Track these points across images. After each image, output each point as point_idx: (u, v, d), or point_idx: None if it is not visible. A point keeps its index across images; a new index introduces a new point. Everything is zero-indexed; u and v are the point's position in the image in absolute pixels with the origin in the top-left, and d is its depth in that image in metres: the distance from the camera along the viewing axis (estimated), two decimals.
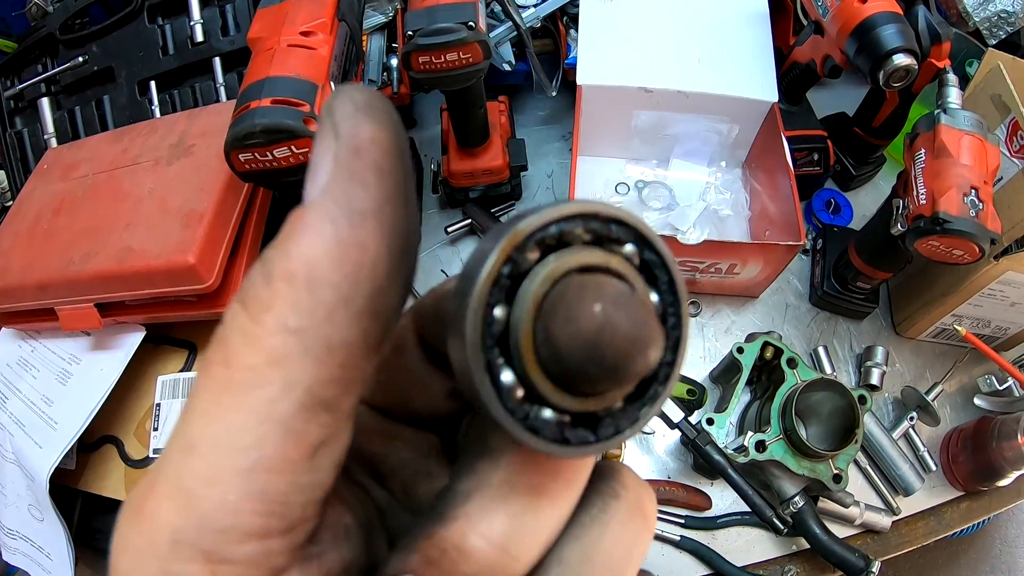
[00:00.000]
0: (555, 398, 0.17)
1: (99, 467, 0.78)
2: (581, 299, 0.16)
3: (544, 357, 0.16)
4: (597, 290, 0.16)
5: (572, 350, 0.15)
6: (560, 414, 0.17)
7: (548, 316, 0.16)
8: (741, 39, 0.82)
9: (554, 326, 0.16)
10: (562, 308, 0.16)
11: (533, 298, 0.16)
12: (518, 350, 0.16)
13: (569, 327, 0.15)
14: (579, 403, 0.17)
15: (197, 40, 0.87)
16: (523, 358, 0.16)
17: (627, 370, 0.15)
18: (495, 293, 0.16)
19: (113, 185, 0.77)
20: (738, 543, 0.79)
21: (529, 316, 0.16)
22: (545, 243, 0.17)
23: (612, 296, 0.16)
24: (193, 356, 0.79)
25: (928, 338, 0.90)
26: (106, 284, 0.71)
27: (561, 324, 0.15)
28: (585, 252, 0.17)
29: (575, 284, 0.16)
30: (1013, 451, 0.76)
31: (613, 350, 0.15)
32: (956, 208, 0.66)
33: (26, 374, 0.80)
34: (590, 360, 0.15)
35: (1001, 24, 0.97)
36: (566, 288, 0.16)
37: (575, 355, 0.15)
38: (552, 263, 0.17)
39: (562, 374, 0.16)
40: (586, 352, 0.15)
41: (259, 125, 0.58)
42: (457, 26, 0.65)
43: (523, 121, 1.02)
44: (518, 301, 0.16)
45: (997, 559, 1.60)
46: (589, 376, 0.16)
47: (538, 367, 0.16)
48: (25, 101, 0.95)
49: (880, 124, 0.89)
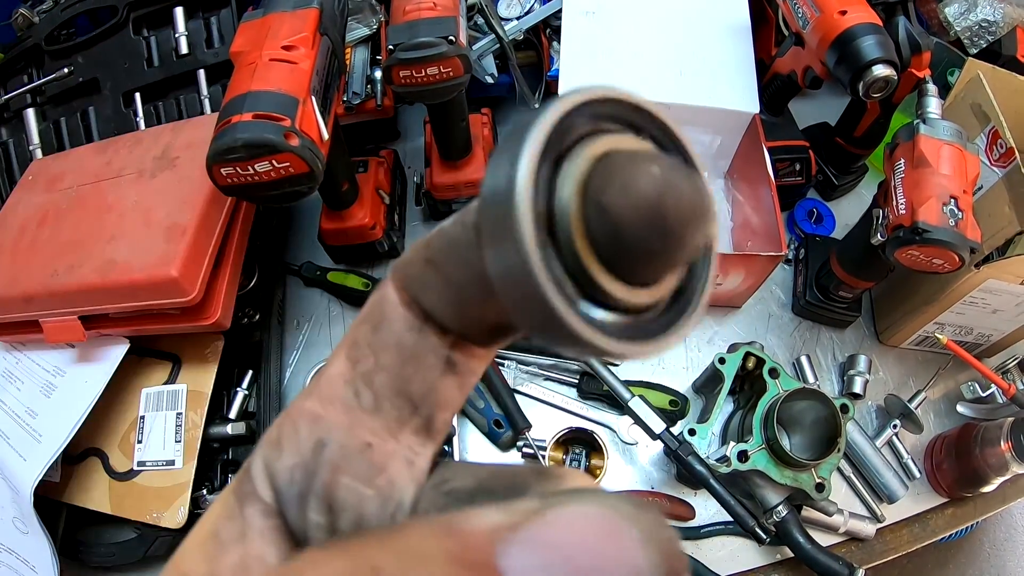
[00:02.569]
0: (612, 288, 0.15)
1: (84, 480, 0.78)
2: (635, 167, 0.14)
3: (600, 238, 0.15)
4: (650, 157, 0.15)
5: (634, 219, 0.14)
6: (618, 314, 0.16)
7: (600, 189, 0.15)
8: (723, 51, 0.83)
9: (610, 196, 0.14)
10: (617, 178, 0.15)
11: (577, 179, 0.15)
12: (569, 238, 0.15)
13: (628, 194, 0.14)
14: (633, 293, 0.16)
15: (182, 52, 0.87)
16: (576, 245, 0.15)
17: (691, 239, 0.14)
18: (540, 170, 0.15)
19: (97, 197, 0.77)
20: (722, 553, 0.80)
21: (577, 197, 0.15)
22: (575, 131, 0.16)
23: (667, 161, 0.15)
24: (177, 368, 0.79)
25: (911, 346, 0.91)
26: (90, 297, 0.71)
27: (618, 193, 0.14)
28: (616, 137, 0.16)
29: (624, 156, 0.15)
30: (996, 457, 0.76)
31: (677, 214, 0.14)
32: (935, 218, 0.67)
33: (10, 386, 0.80)
34: (654, 228, 0.14)
35: (982, 33, 0.97)
36: (614, 161, 0.15)
37: (637, 224, 0.14)
38: (588, 145, 0.16)
39: (620, 256, 0.15)
40: (649, 218, 0.14)
41: (240, 140, 0.58)
42: (437, 40, 0.65)
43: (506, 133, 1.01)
44: (560, 184, 0.15)
45: (986, 562, 1.61)
46: (651, 251, 0.15)
47: (593, 254, 0.15)
48: (10, 112, 0.95)
49: (862, 134, 0.89)
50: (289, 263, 0.92)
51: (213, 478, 0.80)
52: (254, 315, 0.83)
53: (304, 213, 0.97)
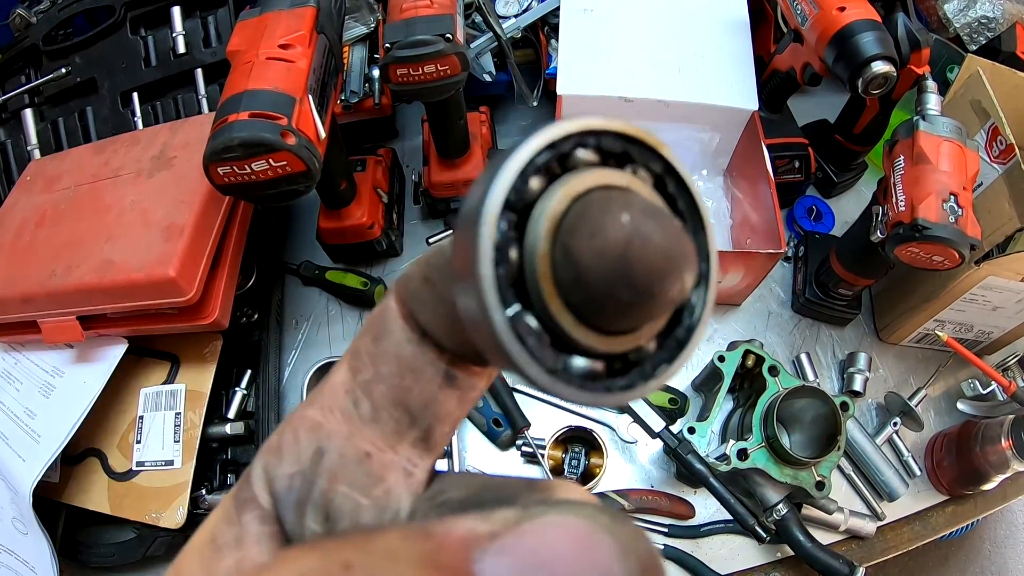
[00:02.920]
0: (580, 336, 0.15)
1: (82, 480, 0.78)
2: (606, 210, 0.14)
3: (566, 284, 0.14)
4: (624, 201, 0.14)
5: (598, 268, 0.13)
6: (591, 360, 0.15)
7: (569, 233, 0.14)
8: (721, 48, 0.83)
9: (576, 242, 0.14)
10: (585, 221, 0.14)
11: (550, 217, 0.14)
12: (535, 280, 0.14)
13: (594, 241, 0.13)
14: (608, 342, 0.15)
15: (179, 52, 0.87)
16: (541, 288, 0.14)
17: (661, 291, 0.14)
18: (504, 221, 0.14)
19: (95, 197, 0.77)
20: (722, 551, 0.79)
21: (547, 237, 0.14)
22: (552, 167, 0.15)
23: (641, 206, 0.14)
24: (176, 368, 0.79)
25: (911, 343, 0.90)
26: (88, 297, 0.70)
27: (585, 239, 0.14)
28: (603, 172, 0.15)
29: (598, 198, 0.14)
30: (997, 455, 0.76)
31: (645, 266, 0.13)
32: (935, 214, 0.67)
33: (9, 387, 0.80)
34: (619, 279, 0.13)
35: (981, 30, 0.97)
36: (588, 203, 0.14)
37: (602, 274, 0.13)
38: (569, 182, 0.15)
39: (587, 303, 0.14)
40: (614, 269, 0.13)
41: (237, 139, 0.58)
42: (434, 38, 0.65)
43: (504, 131, 1.02)
44: (532, 225, 0.15)
45: (987, 560, 1.60)
46: (619, 301, 0.14)
47: (559, 298, 0.14)
48: (8, 112, 0.95)
49: (861, 131, 0.89)
50: (287, 262, 0.92)
51: (212, 478, 0.80)
52: (252, 314, 0.83)
53: (302, 212, 0.97)
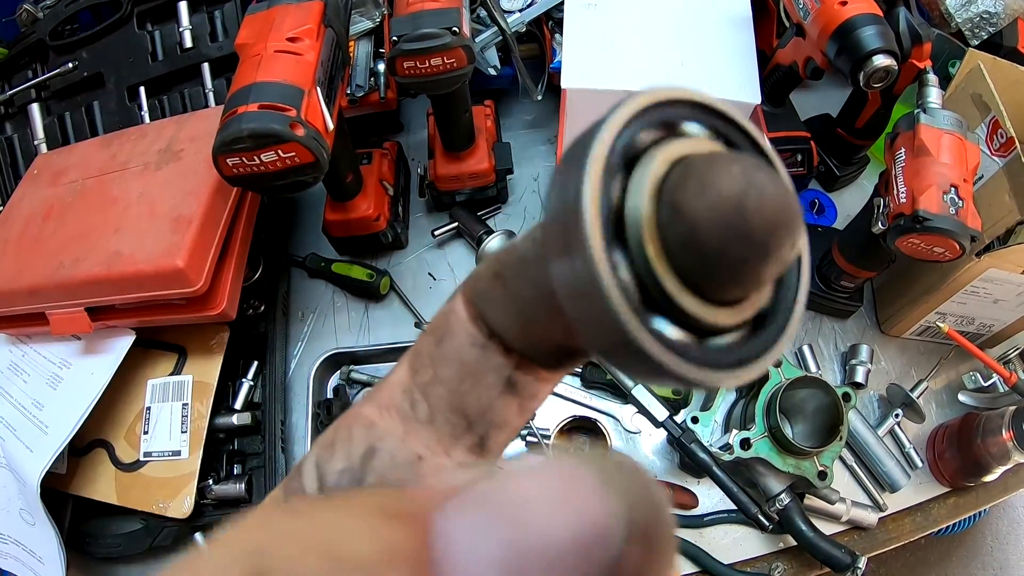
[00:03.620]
0: (686, 301, 0.14)
1: (90, 471, 0.78)
2: (715, 164, 0.13)
3: (675, 245, 0.13)
4: (730, 158, 0.13)
5: (712, 222, 0.13)
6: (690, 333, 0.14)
7: (675, 190, 0.13)
8: (724, 42, 0.83)
9: (686, 197, 0.13)
10: (694, 177, 0.13)
11: (652, 179, 0.14)
12: (639, 242, 0.13)
13: (706, 193, 0.13)
14: (713, 312, 0.14)
15: (186, 46, 0.87)
16: (647, 251, 0.13)
17: (777, 247, 0.13)
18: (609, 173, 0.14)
19: (102, 190, 0.77)
20: (725, 541, 0.80)
21: (651, 196, 0.14)
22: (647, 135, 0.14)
23: (749, 161, 0.13)
24: (183, 359, 0.80)
25: (913, 336, 0.91)
26: (96, 288, 0.71)
27: (695, 192, 0.13)
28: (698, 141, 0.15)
29: (702, 157, 0.14)
30: (998, 446, 0.76)
31: (762, 217, 0.12)
32: (936, 206, 0.67)
33: (16, 378, 0.80)
34: (736, 232, 0.13)
35: (983, 25, 0.97)
36: (692, 161, 0.14)
37: (717, 229, 0.13)
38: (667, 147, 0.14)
39: (698, 265, 0.13)
40: (731, 222, 0.13)
41: (246, 130, 0.59)
42: (441, 31, 0.66)
43: (509, 125, 1.03)
44: (633, 189, 0.14)
45: (988, 555, 1.61)
46: (733, 259, 0.13)
47: (666, 261, 0.14)
48: (15, 107, 0.95)
49: (863, 125, 0.90)
50: (293, 255, 0.93)
51: (219, 468, 0.80)
52: (259, 306, 0.83)
53: (308, 205, 0.97)
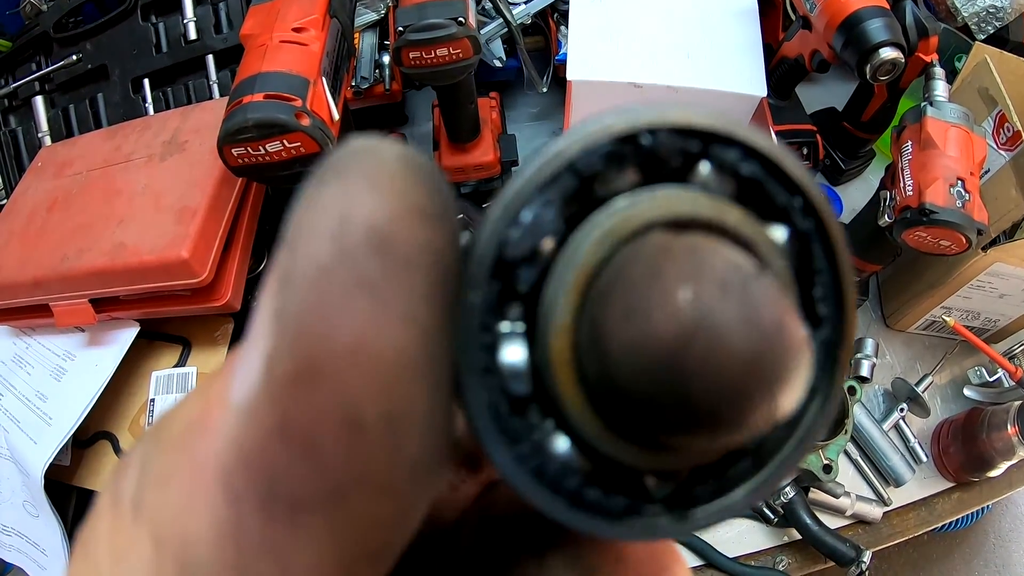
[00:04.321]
0: (608, 446, 0.10)
1: (94, 463, 0.78)
2: (657, 272, 0.09)
3: (592, 378, 0.10)
4: (692, 257, 0.09)
5: (632, 371, 0.09)
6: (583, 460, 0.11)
7: (599, 303, 0.10)
8: (730, 34, 0.83)
9: (608, 321, 0.09)
10: (623, 291, 0.09)
11: (580, 271, 0.10)
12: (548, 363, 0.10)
13: (630, 325, 0.09)
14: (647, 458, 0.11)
15: (190, 38, 0.87)
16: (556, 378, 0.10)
17: (733, 420, 0.09)
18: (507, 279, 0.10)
19: (107, 182, 0.77)
20: (730, 534, 0.80)
21: (570, 303, 0.10)
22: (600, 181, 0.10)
23: (717, 273, 0.09)
24: (187, 351, 0.80)
25: (918, 330, 0.91)
26: (100, 279, 0.71)
27: (619, 319, 0.09)
28: (675, 193, 0.10)
29: (653, 246, 0.10)
30: (1003, 442, 0.76)
31: (709, 382, 0.09)
32: (942, 199, 0.67)
33: (20, 371, 0.80)
34: (664, 394, 0.09)
35: (989, 19, 0.97)
36: (635, 255, 0.10)
37: (638, 382, 0.09)
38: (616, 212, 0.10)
39: (618, 410, 0.10)
40: (656, 379, 0.09)
41: (251, 120, 0.59)
42: (447, 22, 0.66)
43: (514, 117, 1.03)
44: (554, 277, 0.10)
45: (991, 553, 1.61)
46: (664, 422, 0.09)
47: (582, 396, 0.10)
48: (19, 99, 0.95)
49: (869, 119, 0.89)
50: None
51: None
52: None
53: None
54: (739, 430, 0.09)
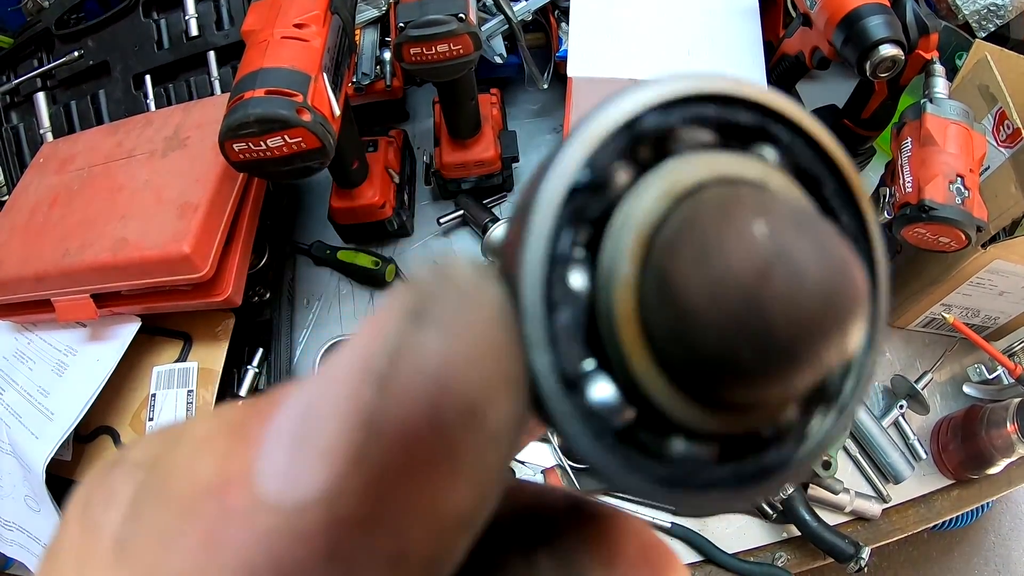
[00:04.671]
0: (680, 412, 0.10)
1: (95, 458, 0.79)
2: (730, 216, 0.09)
3: (660, 333, 0.09)
4: (758, 202, 0.09)
5: (713, 316, 0.09)
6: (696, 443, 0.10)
7: (668, 252, 0.09)
8: (730, 31, 0.83)
9: (679, 267, 0.09)
10: (695, 235, 0.09)
11: (640, 226, 0.10)
12: (611, 324, 0.10)
13: (708, 268, 0.09)
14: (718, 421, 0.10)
15: (192, 34, 0.87)
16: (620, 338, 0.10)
17: (812, 356, 0.09)
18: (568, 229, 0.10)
19: (108, 177, 0.77)
20: (729, 530, 0.80)
21: (633, 257, 0.10)
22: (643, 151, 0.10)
23: (786, 211, 0.09)
24: (188, 346, 0.80)
25: (918, 327, 0.91)
26: (102, 274, 0.71)
27: (692, 264, 0.09)
28: (722, 157, 0.11)
29: (716, 196, 0.10)
30: (1002, 439, 0.76)
31: (791, 315, 0.08)
32: (942, 195, 0.67)
33: (22, 366, 0.80)
34: (748, 335, 0.09)
35: (990, 17, 0.97)
36: (700, 204, 0.10)
37: (719, 327, 0.09)
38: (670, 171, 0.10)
39: (694, 366, 0.09)
40: (740, 320, 0.08)
41: (253, 115, 0.59)
42: (447, 18, 0.66)
43: (515, 113, 1.03)
44: (611, 238, 0.10)
45: (991, 551, 1.61)
46: (744, 369, 0.09)
47: (648, 354, 0.10)
48: (21, 96, 0.95)
49: (869, 116, 0.89)
50: (299, 242, 0.93)
51: None
52: (264, 293, 0.83)
53: (314, 193, 0.97)
54: (814, 368, 0.09)
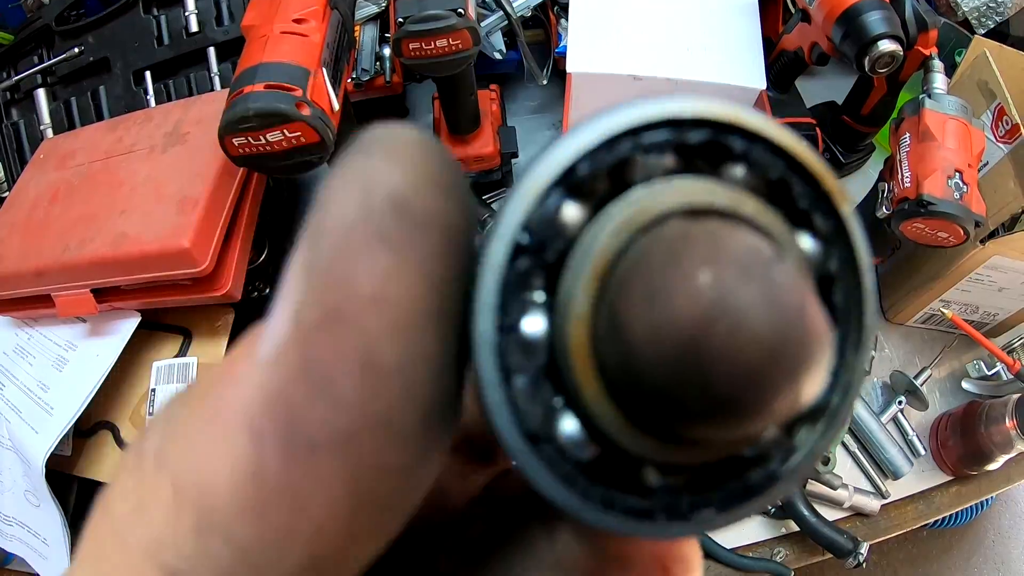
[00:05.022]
0: (633, 445, 0.10)
1: (95, 453, 0.79)
2: (678, 257, 0.09)
3: (611, 366, 0.10)
4: (711, 243, 0.09)
5: (653, 358, 0.09)
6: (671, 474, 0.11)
7: (618, 290, 0.09)
8: (730, 27, 0.83)
9: (627, 306, 0.09)
10: (642, 276, 0.09)
11: (596, 260, 0.10)
12: (566, 355, 0.10)
13: (652, 310, 0.09)
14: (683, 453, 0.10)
15: (192, 30, 0.87)
16: (574, 369, 0.10)
17: (754, 406, 0.09)
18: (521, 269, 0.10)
19: (108, 173, 0.77)
20: None
21: (588, 291, 0.10)
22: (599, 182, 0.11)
23: (738, 257, 0.09)
24: (188, 342, 0.80)
25: (917, 324, 0.91)
26: (102, 269, 0.71)
27: (638, 303, 0.09)
28: (691, 183, 0.11)
29: (672, 233, 0.10)
30: (1001, 435, 0.76)
31: (731, 366, 0.08)
32: (940, 190, 0.67)
33: (22, 361, 0.81)
34: (685, 381, 0.09)
35: (990, 14, 0.97)
36: (655, 241, 0.10)
37: (659, 369, 0.09)
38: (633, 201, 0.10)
39: (640, 401, 0.10)
40: (678, 366, 0.09)
41: (252, 109, 0.59)
42: (446, 13, 0.66)
43: (514, 109, 1.03)
44: (569, 271, 0.10)
45: (990, 549, 1.61)
46: (687, 411, 0.09)
47: (599, 386, 0.10)
48: (21, 92, 0.95)
49: (868, 112, 0.90)
50: None
51: None
52: (264, 289, 0.83)
53: (314, 188, 0.97)
54: (759, 417, 0.09)
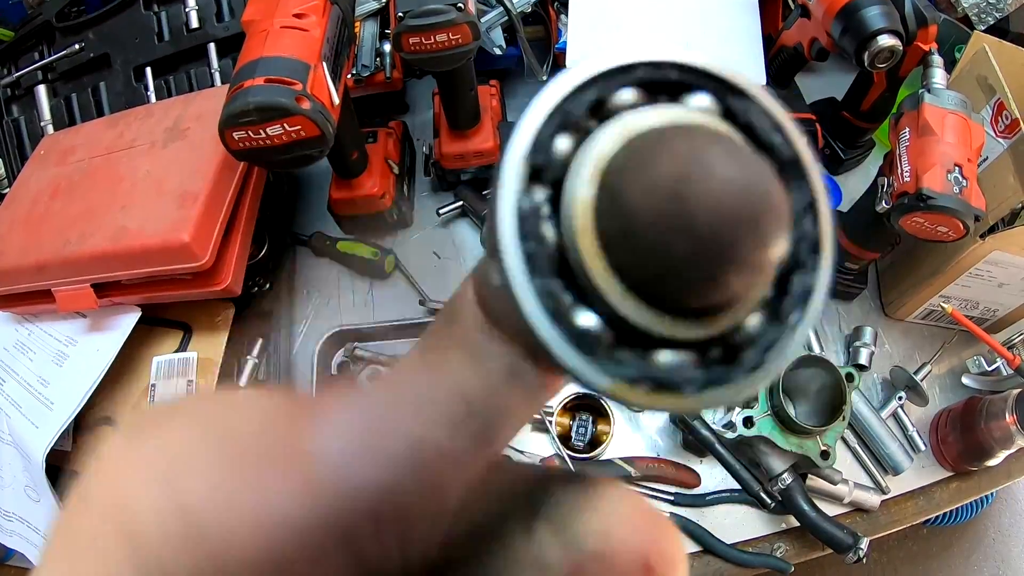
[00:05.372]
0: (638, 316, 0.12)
1: (95, 448, 0.79)
2: (664, 141, 0.11)
3: (614, 240, 0.11)
4: (691, 131, 0.11)
5: (647, 209, 0.10)
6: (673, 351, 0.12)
7: (616, 173, 0.11)
8: (729, 23, 0.83)
9: (624, 180, 0.11)
10: (637, 156, 0.11)
11: (598, 159, 0.12)
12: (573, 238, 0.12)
13: (643, 176, 0.11)
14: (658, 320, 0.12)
15: (192, 26, 0.88)
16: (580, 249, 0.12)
17: (733, 243, 0.10)
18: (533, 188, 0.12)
19: (109, 168, 0.78)
20: (728, 521, 0.80)
21: (591, 182, 0.12)
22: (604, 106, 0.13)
23: (706, 133, 0.11)
24: (188, 337, 0.80)
25: (917, 319, 0.91)
26: (102, 264, 0.72)
27: (632, 179, 0.11)
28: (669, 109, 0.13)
29: (658, 133, 0.12)
30: (1001, 431, 0.76)
31: (707, 204, 0.10)
32: (940, 185, 0.67)
33: (23, 356, 0.81)
34: (673, 222, 0.10)
35: (990, 10, 0.97)
36: (645, 138, 0.12)
37: (652, 217, 0.10)
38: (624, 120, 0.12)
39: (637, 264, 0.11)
40: (666, 209, 0.10)
41: (253, 103, 0.59)
42: (447, 7, 0.66)
43: (514, 105, 1.03)
44: (576, 168, 0.12)
45: (990, 547, 1.61)
46: (676, 257, 0.10)
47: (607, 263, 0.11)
48: (22, 89, 0.96)
49: (868, 108, 0.89)
50: (299, 233, 0.93)
51: None
52: (264, 284, 0.84)
53: (313, 184, 0.98)
54: (741, 257, 0.10)
